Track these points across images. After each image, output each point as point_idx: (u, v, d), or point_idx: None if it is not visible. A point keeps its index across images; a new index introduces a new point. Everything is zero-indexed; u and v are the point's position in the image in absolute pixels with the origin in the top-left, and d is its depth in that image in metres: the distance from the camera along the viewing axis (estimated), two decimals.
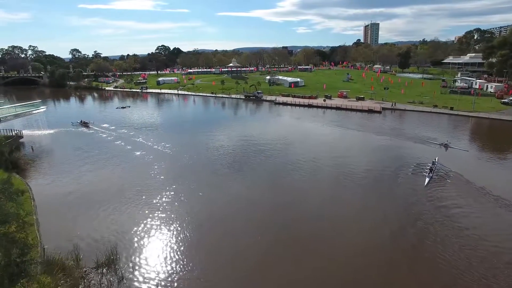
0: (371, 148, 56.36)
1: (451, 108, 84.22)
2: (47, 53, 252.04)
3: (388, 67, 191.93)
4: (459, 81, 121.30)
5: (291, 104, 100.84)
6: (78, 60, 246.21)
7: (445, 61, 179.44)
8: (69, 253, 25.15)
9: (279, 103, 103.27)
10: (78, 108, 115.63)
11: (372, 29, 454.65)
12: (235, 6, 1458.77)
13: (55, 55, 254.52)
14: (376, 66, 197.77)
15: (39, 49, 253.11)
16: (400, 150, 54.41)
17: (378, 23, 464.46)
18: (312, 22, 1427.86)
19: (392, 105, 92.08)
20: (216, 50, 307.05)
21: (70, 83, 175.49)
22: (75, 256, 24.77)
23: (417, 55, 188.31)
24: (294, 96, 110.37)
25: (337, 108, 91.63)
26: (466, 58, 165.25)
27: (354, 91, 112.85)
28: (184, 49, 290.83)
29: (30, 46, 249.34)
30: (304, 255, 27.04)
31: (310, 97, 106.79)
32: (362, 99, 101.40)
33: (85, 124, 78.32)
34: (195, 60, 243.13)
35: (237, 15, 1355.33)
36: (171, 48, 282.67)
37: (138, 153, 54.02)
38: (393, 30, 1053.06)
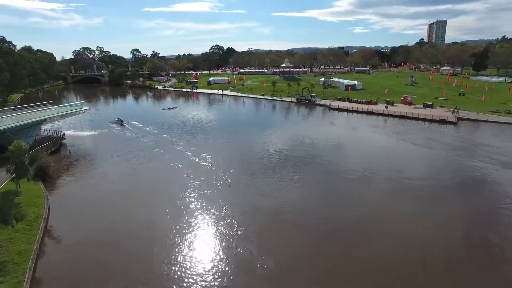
0: (454, 175, 44.50)
1: None
2: (111, 53, 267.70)
3: (459, 69, 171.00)
4: None
5: (347, 110, 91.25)
6: (138, 60, 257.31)
7: None
8: None
9: (334, 108, 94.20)
10: (127, 107, 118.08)
11: (438, 27, 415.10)
12: (290, 6, 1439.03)
13: (118, 55, 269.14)
14: (444, 68, 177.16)
15: (105, 50, 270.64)
16: (496, 180, 42.59)
17: (445, 21, 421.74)
18: (370, 21, 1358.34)
19: (454, 111, 78.94)
20: (270, 50, 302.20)
21: (127, 81, 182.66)
22: None
23: (496, 55, 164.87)
24: (351, 101, 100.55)
25: (401, 117, 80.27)
26: None
27: (420, 97, 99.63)
28: (239, 49, 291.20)
29: (97, 47, 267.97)
30: None
31: (369, 103, 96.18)
32: (431, 106, 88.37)
33: (120, 122, 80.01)
34: (248, 60, 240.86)
35: (292, 15, 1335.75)
36: (225, 48, 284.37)
37: (175, 165, 48.80)
38: (461, 28, 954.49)
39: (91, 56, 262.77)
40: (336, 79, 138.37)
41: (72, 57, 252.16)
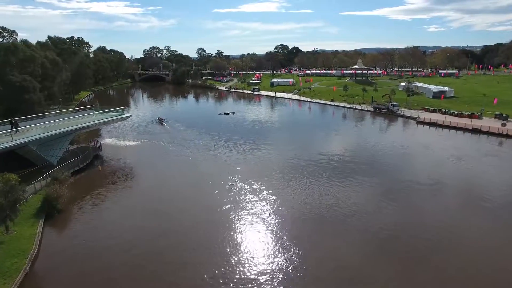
0: None
1: None
2: (178, 52, 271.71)
3: None
4: None
5: (441, 125, 71.67)
6: (202, 59, 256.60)
7: None
8: None
9: (422, 122, 75.45)
10: (181, 109, 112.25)
11: None
12: (360, 5, 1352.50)
13: (184, 54, 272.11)
14: None
15: (172, 49, 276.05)
16: None
17: None
18: (448, 19, 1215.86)
19: None
20: (336, 50, 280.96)
21: (189, 80, 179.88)
22: None
23: None
24: (444, 113, 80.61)
25: None
26: None
27: None
28: (304, 49, 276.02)
29: (165, 46, 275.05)
30: None
31: (470, 116, 75.50)
32: None
33: (160, 121, 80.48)
34: (314, 61, 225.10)
35: (361, 14, 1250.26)
36: (290, 48, 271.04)
37: (223, 211, 34.74)
38: None
39: (159, 55, 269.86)
40: (420, 84, 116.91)
41: (142, 55, 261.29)
